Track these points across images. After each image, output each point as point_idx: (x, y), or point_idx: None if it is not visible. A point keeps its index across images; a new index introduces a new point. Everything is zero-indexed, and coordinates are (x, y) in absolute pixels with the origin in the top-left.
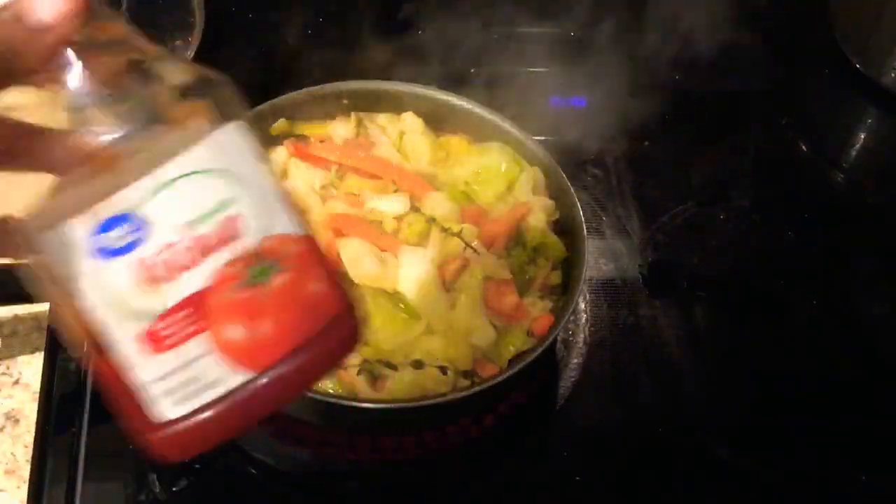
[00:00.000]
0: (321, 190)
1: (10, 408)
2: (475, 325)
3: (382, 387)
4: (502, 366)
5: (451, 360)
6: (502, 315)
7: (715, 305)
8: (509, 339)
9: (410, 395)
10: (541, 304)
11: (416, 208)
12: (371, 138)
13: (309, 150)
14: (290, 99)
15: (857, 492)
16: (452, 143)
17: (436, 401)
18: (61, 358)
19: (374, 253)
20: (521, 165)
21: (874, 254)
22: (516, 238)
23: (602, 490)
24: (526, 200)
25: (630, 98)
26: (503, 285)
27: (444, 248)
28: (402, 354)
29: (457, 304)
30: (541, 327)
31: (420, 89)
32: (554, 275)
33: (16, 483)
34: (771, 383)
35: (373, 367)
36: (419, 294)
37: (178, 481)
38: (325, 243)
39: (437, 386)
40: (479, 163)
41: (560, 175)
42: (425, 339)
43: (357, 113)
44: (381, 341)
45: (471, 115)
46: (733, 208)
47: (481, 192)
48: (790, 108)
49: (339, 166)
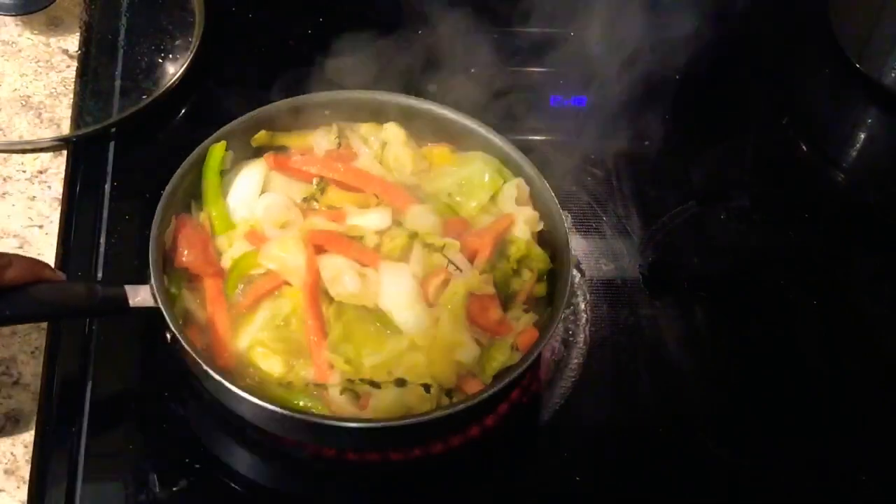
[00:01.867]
0: (302, 203)
1: (10, 408)
2: (459, 341)
3: (366, 405)
4: (486, 381)
5: (435, 376)
6: (486, 330)
7: (715, 305)
8: (494, 354)
9: (394, 413)
10: (525, 317)
11: (398, 222)
12: (353, 149)
13: (290, 162)
14: (271, 110)
15: (857, 492)
16: (435, 154)
17: (419, 419)
18: (61, 358)
19: (354, 269)
20: (504, 176)
21: (874, 254)
22: (500, 250)
23: (602, 490)
24: (510, 212)
25: (630, 98)
26: (487, 300)
27: (426, 262)
28: (385, 371)
29: (440, 319)
30: (525, 342)
31: (402, 98)
32: (539, 286)
33: (16, 483)
34: (771, 383)
35: (355, 385)
36: (401, 310)
37: (178, 481)
38: (306, 259)
39: (421, 403)
40: (462, 173)
41: (544, 185)
42: (408, 355)
43: (339, 123)
44: (364, 358)
45: (454, 125)
46: (733, 208)
47: (465, 204)
48: (790, 108)
49: (321, 179)
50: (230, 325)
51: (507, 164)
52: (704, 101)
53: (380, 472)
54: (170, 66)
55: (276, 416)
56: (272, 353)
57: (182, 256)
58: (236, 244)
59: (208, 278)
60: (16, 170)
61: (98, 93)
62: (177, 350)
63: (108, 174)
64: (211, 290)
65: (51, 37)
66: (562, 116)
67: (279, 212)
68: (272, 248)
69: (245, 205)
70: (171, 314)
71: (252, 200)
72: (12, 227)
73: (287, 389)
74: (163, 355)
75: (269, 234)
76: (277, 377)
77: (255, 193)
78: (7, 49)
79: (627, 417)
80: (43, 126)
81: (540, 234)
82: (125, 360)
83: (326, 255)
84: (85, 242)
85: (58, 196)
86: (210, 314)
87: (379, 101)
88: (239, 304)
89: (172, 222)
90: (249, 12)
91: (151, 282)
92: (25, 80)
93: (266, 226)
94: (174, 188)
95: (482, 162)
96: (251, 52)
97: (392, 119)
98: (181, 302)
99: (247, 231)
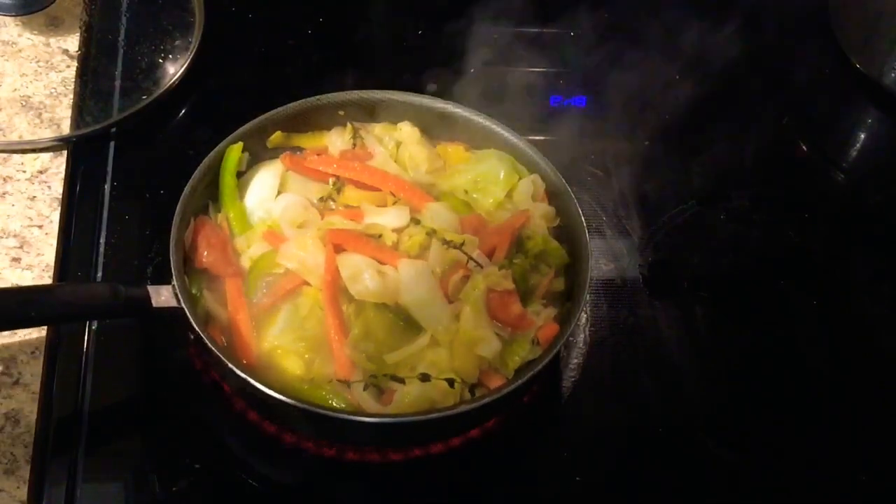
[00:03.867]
0: (319, 203)
1: (10, 408)
2: (480, 336)
3: (389, 401)
4: (509, 375)
5: (457, 371)
6: (507, 325)
7: (715, 305)
8: (515, 349)
9: (418, 408)
10: (545, 312)
11: (415, 220)
12: (368, 149)
13: (306, 162)
14: (287, 111)
15: (857, 492)
16: (450, 152)
17: (446, 413)
18: (61, 358)
19: (373, 267)
20: (519, 172)
21: (874, 254)
22: (517, 246)
23: (602, 490)
24: (526, 208)
25: (630, 98)
26: (507, 296)
27: (445, 259)
28: (408, 367)
29: (461, 315)
30: (546, 336)
31: (415, 98)
32: (557, 281)
33: (16, 483)
34: (771, 383)
35: (379, 381)
36: (422, 307)
37: (178, 481)
38: (325, 259)
39: (445, 398)
40: (478, 170)
41: (560, 180)
42: (430, 351)
43: (353, 123)
44: (386, 354)
45: (468, 123)
46: (733, 208)
47: (481, 201)
48: (790, 108)
49: (337, 178)
50: (252, 325)
51: (522, 160)
52: (704, 101)
53: (379, 473)
54: (170, 66)
55: (306, 415)
56: (293, 352)
57: (202, 257)
58: (255, 245)
59: (228, 279)
60: (16, 170)
61: (98, 93)
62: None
63: (108, 174)
64: (231, 290)
65: (51, 37)
66: (562, 116)
67: (297, 212)
68: (291, 248)
69: (262, 205)
70: (194, 314)
71: (269, 201)
72: (12, 227)
73: (310, 387)
74: (162, 355)
75: (288, 234)
76: (299, 375)
77: (272, 194)
78: (7, 49)
79: (627, 417)
80: (43, 126)
81: (557, 230)
82: (125, 361)
83: (345, 255)
84: (85, 242)
85: (58, 196)
86: (231, 314)
87: (392, 100)
88: (260, 303)
89: (191, 224)
90: (249, 12)
91: (174, 282)
92: (25, 80)
93: (284, 226)
94: (192, 190)
95: (497, 159)
96: (251, 52)
97: (405, 118)
98: (202, 302)
99: (265, 231)
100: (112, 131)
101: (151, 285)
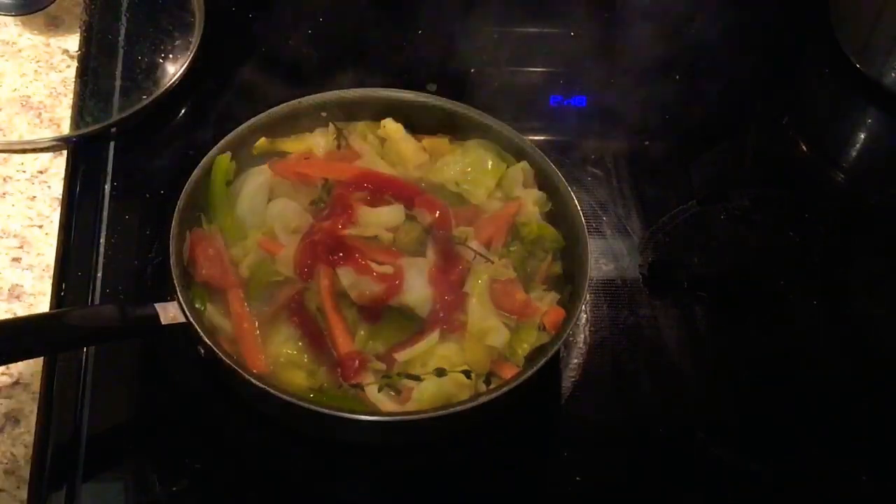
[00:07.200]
0: (310, 206)
1: (10, 408)
2: (489, 327)
3: (407, 399)
4: (519, 364)
5: (469, 363)
6: (513, 313)
7: (715, 305)
8: (523, 336)
9: (437, 403)
10: (548, 296)
11: (410, 216)
12: (354, 148)
13: (294, 167)
14: (269, 116)
15: (857, 492)
16: (434, 145)
17: (470, 404)
18: (61, 358)
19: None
20: (506, 160)
21: (874, 254)
22: (513, 234)
23: (602, 490)
24: (517, 195)
25: (630, 98)
26: (509, 284)
27: (443, 254)
28: (420, 364)
29: (468, 308)
30: (552, 320)
31: (395, 93)
32: (555, 265)
33: (16, 483)
34: (771, 383)
35: (394, 380)
36: (426, 303)
37: (179, 481)
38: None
39: (461, 391)
40: (466, 162)
41: (548, 164)
42: (440, 346)
43: (335, 123)
44: (396, 353)
45: (451, 115)
46: (733, 208)
47: (472, 192)
48: (790, 108)
49: (326, 180)
50: (257, 335)
51: (508, 148)
52: (704, 101)
53: (379, 473)
54: (170, 66)
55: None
56: (298, 361)
57: (202, 271)
58: (251, 254)
59: (230, 290)
60: (16, 170)
61: (98, 93)
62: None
63: (108, 174)
64: (234, 302)
65: (51, 37)
66: (562, 116)
67: (290, 217)
68: (288, 255)
69: (255, 213)
70: (203, 328)
71: (261, 208)
72: (12, 227)
73: (318, 395)
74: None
75: (283, 240)
76: (308, 385)
77: (264, 201)
78: (7, 49)
79: (627, 417)
80: (43, 126)
81: (550, 214)
82: (125, 361)
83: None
84: (85, 242)
85: (58, 196)
86: (236, 325)
87: (373, 97)
88: (263, 312)
89: (187, 238)
90: (249, 12)
91: (179, 298)
92: (25, 80)
93: (279, 232)
94: (185, 204)
95: (482, 149)
96: (251, 52)
97: (388, 115)
98: (206, 316)
99: (260, 239)
100: (112, 131)
101: (158, 303)
